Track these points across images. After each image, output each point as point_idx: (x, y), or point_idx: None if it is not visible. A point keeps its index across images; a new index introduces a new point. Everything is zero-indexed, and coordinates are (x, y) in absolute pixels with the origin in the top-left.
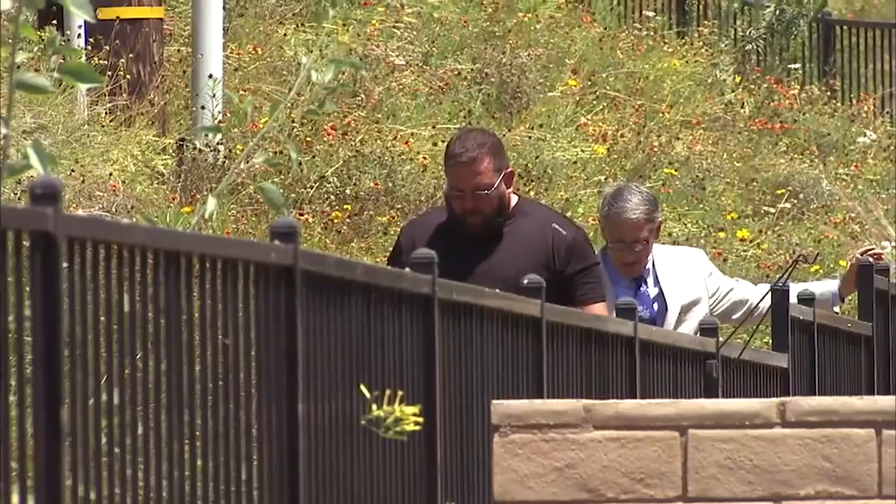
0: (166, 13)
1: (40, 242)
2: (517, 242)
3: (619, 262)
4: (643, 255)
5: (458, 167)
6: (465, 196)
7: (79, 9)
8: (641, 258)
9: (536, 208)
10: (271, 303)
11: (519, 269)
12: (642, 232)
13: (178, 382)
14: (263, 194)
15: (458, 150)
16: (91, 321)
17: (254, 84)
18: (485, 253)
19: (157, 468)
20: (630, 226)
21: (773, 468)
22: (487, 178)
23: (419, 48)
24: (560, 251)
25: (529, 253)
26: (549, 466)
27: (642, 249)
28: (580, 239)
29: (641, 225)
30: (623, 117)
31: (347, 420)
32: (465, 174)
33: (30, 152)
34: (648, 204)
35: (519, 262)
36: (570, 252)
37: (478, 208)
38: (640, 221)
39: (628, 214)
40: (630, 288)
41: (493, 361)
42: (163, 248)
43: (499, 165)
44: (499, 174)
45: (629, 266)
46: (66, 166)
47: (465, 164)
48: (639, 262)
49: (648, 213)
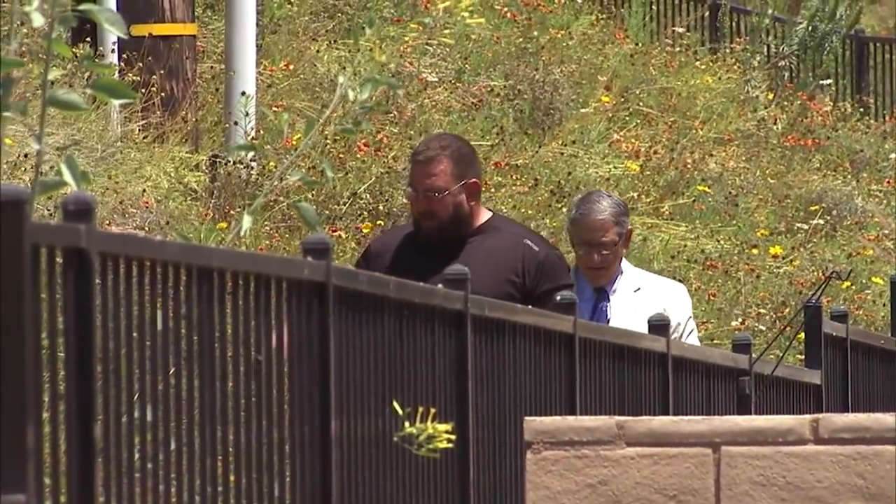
0: (199, 30)
1: (73, 259)
2: (480, 256)
3: (584, 267)
4: (610, 262)
5: (415, 165)
6: (419, 197)
7: (112, 25)
8: (608, 264)
9: (510, 225)
10: (304, 319)
11: (485, 284)
12: (609, 234)
13: (211, 398)
14: (298, 212)
15: (420, 148)
16: (124, 337)
17: (286, 101)
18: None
19: (190, 484)
20: (596, 226)
21: (806, 485)
22: (442, 180)
23: (452, 65)
24: (530, 268)
25: (492, 267)
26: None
27: (609, 255)
28: (552, 258)
29: (608, 226)
30: (656, 133)
31: (380, 437)
32: (419, 173)
33: (63, 168)
34: (617, 207)
35: (485, 277)
36: (541, 270)
37: (431, 211)
38: (607, 223)
39: (595, 216)
40: (590, 301)
41: (526, 378)
42: (195, 264)
43: (460, 172)
44: (457, 180)
45: (594, 272)
46: (99, 183)
47: (421, 163)
48: (604, 268)
49: (616, 215)
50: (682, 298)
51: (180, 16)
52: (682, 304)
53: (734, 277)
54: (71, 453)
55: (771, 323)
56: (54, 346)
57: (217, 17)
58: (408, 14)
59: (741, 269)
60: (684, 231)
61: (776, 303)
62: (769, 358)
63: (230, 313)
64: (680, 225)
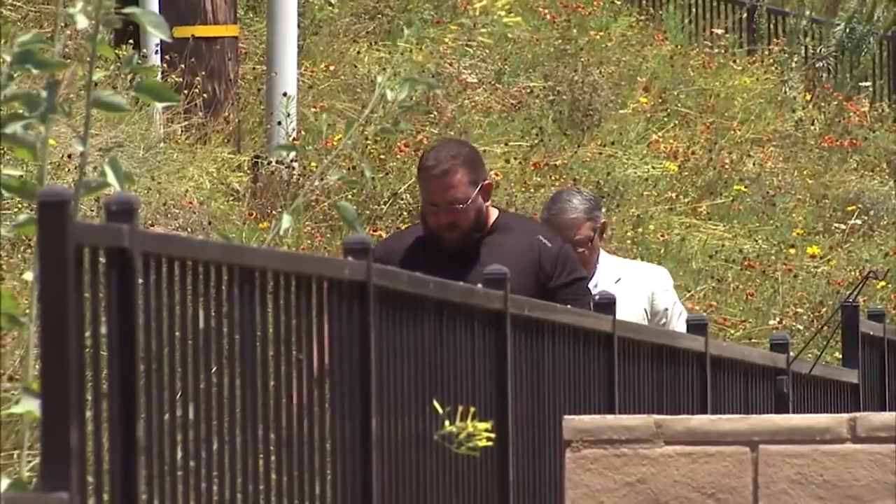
0: (241, 31)
1: (116, 259)
2: (500, 256)
3: None
4: (587, 258)
5: (431, 180)
6: (440, 210)
7: (155, 28)
8: (585, 260)
9: (519, 221)
10: (344, 318)
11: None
12: (583, 231)
13: (253, 397)
14: (339, 212)
15: (432, 162)
16: (166, 336)
17: (327, 101)
18: (465, 269)
19: (232, 482)
20: (569, 225)
21: (843, 483)
22: (462, 191)
23: (492, 66)
24: (546, 264)
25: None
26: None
27: (585, 250)
28: (566, 252)
29: (581, 223)
30: (694, 134)
31: (420, 436)
32: (438, 187)
33: (106, 169)
34: (588, 203)
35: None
36: (556, 265)
37: (455, 223)
38: (580, 219)
39: (568, 214)
40: None
41: (565, 377)
42: (237, 264)
43: (474, 177)
44: (475, 187)
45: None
46: (142, 184)
47: (438, 177)
48: (587, 262)
49: (588, 211)
50: (664, 283)
51: (222, 18)
52: (665, 288)
53: (772, 277)
54: (114, 452)
55: (808, 322)
56: (97, 346)
57: (259, 19)
58: (448, 16)
59: (779, 269)
60: (722, 231)
61: (813, 302)
62: (807, 357)
63: (271, 313)
64: (718, 225)
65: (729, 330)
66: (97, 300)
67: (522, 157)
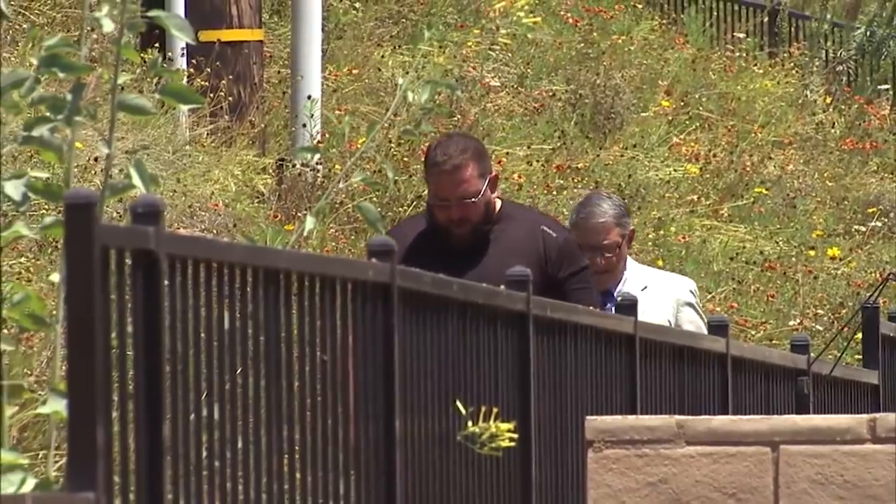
0: (266, 35)
1: (142, 260)
2: (506, 247)
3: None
4: (615, 264)
5: (442, 176)
6: (451, 206)
7: (180, 31)
8: (613, 266)
9: (523, 211)
10: (368, 320)
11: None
12: (612, 236)
13: (277, 398)
14: (361, 213)
15: (441, 157)
16: (192, 338)
17: (351, 105)
18: (472, 261)
19: (257, 482)
20: (598, 229)
21: (863, 483)
22: (473, 185)
23: (514, 70)
24: (552, 255)
25: (520, 257)
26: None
27: (613, 256)
28: (571, 242)
29: (610, 228)
30: (715, 137)
31: (443, 436)
32: (449, 183)
33: (132, 172)
34: (617, 209)
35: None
36: (562, 255)
37: (465, 217)
38: (609, 224)
39: (597, 218)
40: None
41: (587, 378)
42: (262, 265)
43: (483, 170)
44: (483, 180)
45: (599, 276)
46: (168, 186)
47: (449, 172)
48: (610, 271)
49: (618, 217)
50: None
51: (247, 22)
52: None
53: (792, 279)
54: (140, 452)
55: (828, 324)
56: (123, 347)
57: (283, 23)
58: (471, 20)
59: (799, 271)
60: (743, 233)
61: (834, 304)
62: (827, 358)
63: (296, 314)
64: (739, 227)
65: (750, 331)
66: (123, 302)
67: (545, 159)
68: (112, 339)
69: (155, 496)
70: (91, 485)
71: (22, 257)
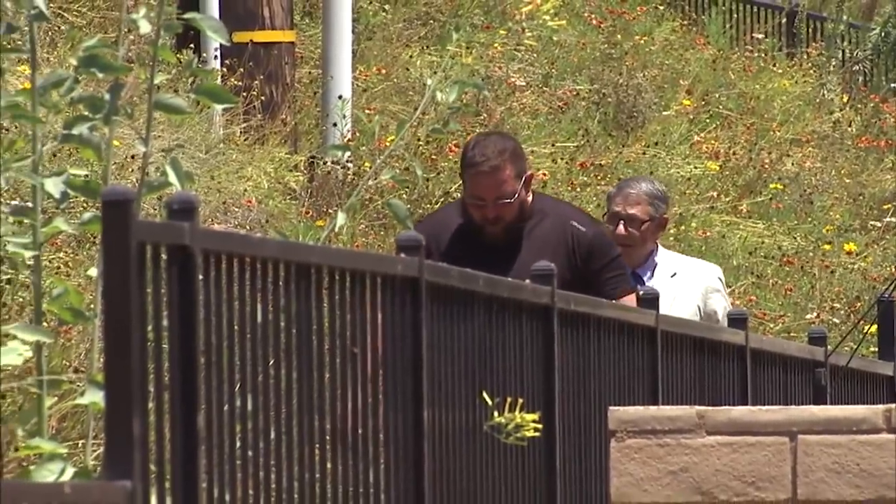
0: (297, 37)
1: (177, 255)
2: (539, 244)
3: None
4: (637, 239)
5: (480, 176)
6: (487, 205)
7: (215, 33)
8: (634, 241)
9: (553, 205)
10: (397, 313)
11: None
12: (638, 209)
13: (309, 389)
14: (390, 209)
15: (479, 158)
16: (225, 330)
17: (381, 104)
18: (504, 257)
19: (289, 471)
20: (628, 199)
21: (879, 472)
22: (510, 186)
23: (539, 69)
24: (581, 249)
25: (550, 253)
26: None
27: (636, 231)
28: (600, 235)
29: (639, 201)
30: (735, 135)
31: (470, 426)
32: (487, 184)
33: (168, 169)
34: (654, 190)
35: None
36: (591, 249)
37: (500, 217)
38: (640, 197)
39: (629, 188)
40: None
41: (610, 369)
42: (294, 260)
43: (519, 171)
44: (520, 180)
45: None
46: (202, 183)
47: (487, 173)
48: (631, 245)
49: (650, 195)
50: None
51: (279, 23)
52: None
53: (810, 273)
54: (175, 441)
55: (845, 317)
56: (159, 339)
57: (314, 25)
58: (497, 21)
59: (816, 265)
60: (762, 228)
61: (850, 297)
62: (843, 350)
63: (327, 308)
64: (758, 223)
65: (768, 324)
66: (159, 295)
67: (569, 157)
68: (148, 332)
69: (190, 484)
70: (128, 473)
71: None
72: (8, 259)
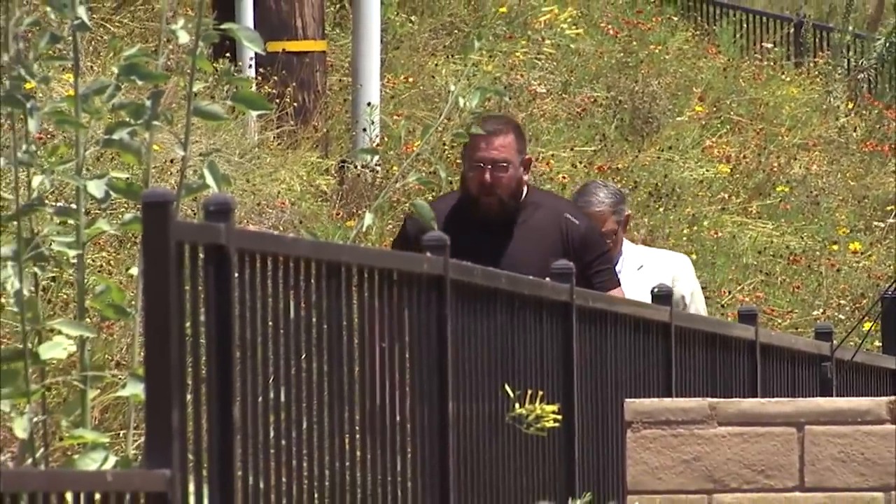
0: (328, 46)
1: (214, 254)
2: (531, 233)
3: None
4: (612, 247)
5: (480, 139)
6: (485, 170)
7: (250, 42)
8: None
9: (547, 198)
10: (423, 310)
11: (535, 259)
12: (608, 223)
13: (339, 382)
14: (417, 211)
15: (485, 127)
16: (260, 326)
17: (407, 110)
18: (500, 243)
19: (320, 459)
20: (595, 217)
21: (882, 461)
22: (508, 152)
23: (559, 77)
24: (574, 241)
25: (544, 243)
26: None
27: (610, 241)
28: (592, 228)
29: (607, 216)
30: (745, 140)
31: (492, 417)
32: (486, 146)
33: (205, 173)
34: (613, 197)
35: (535, 253)
36: (584, 242)
37: (495, 185)
38: (606, 213)
39: (594, 207)
40: None
41: (626, 363)
42: (325, 259)
43: (520, 147)
44: (520, 155)
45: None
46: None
47: (491, 135)
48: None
49: (614, 205)
50: (685, 270)
51: (311, 33)
52: (685, 275)
53: (816, 271)
54: (212, 432)
55: (850, 313)
56: (196, 335)
57: (344, 35)
58: (518, 31)
59: (823, 264)
60: (771, 229)
61: (855, 294)
62: (849, 345)
63: (356, 304)
64: (767, 223)
65: (777, 320)
66: (196, 293)
67: (587, 161)
68: (186, 328)
69: (226, 472)
70: (167, 462)
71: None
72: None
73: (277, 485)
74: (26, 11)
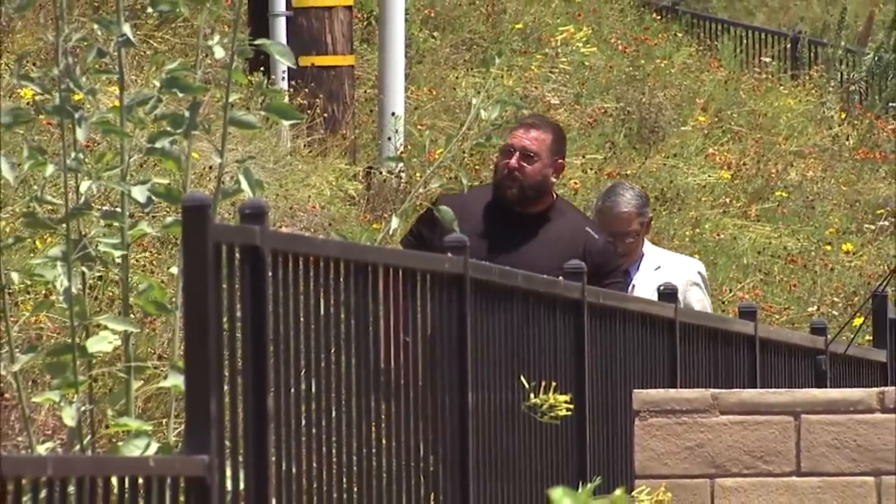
0: (356, 60)
1: (249, 255)
2: (552, 239)
3: None
4: (633, 248)
5: (521, 127)
6: (513, 154)
7: (282, 57)
8: (631, 250)
9: (572, 211)
10: (444, 306)
11: (553, 263)
12: (633, 224)
13: (366, 374)
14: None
15: (528, 119)
16: (292, 322)
17: (430, 120)
18: (523, 238)
19: (348, 446)
20: (622, 219)
21: (873, 447)
22: (541, 147)
23: (571, 89)
24: (593, 255)
25: (563, 252)
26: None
27: (633, 242)
28: (609, 246)
29: (632, 218)
30: (745, 148)
31: (509, 407)
32: (520, 133)
33: (241, 178)
34: (639, 199)
35: (553, 257)
36: (601, 256)
37: (519, 173)
38: (632, 214)
39: (620, 208)
40: None
41: (634, 356)
42: (353, 259)
43: (555, 148)
44: (552, 156)
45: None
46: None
47: (528, 124)
48: (629, 254)
49: (639, 207)
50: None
51: (340, 49)
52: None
53: (811, 270)
54: (247, 420)
55: (843, 309)
56: (233, 330)
57: (371, 50)
58: (534, 46)
59: (818, 264)
60: (769, 231)
61: (847, 292)
62: (842, 339)
63: (382, 301)
64: (765, 226)
65: (775, 316)
66: (233, 290)
67: (597, 167)
68: (223, 323)
69: (261, 458)
70: (205, 449)
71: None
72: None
73: (309, 469)
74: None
